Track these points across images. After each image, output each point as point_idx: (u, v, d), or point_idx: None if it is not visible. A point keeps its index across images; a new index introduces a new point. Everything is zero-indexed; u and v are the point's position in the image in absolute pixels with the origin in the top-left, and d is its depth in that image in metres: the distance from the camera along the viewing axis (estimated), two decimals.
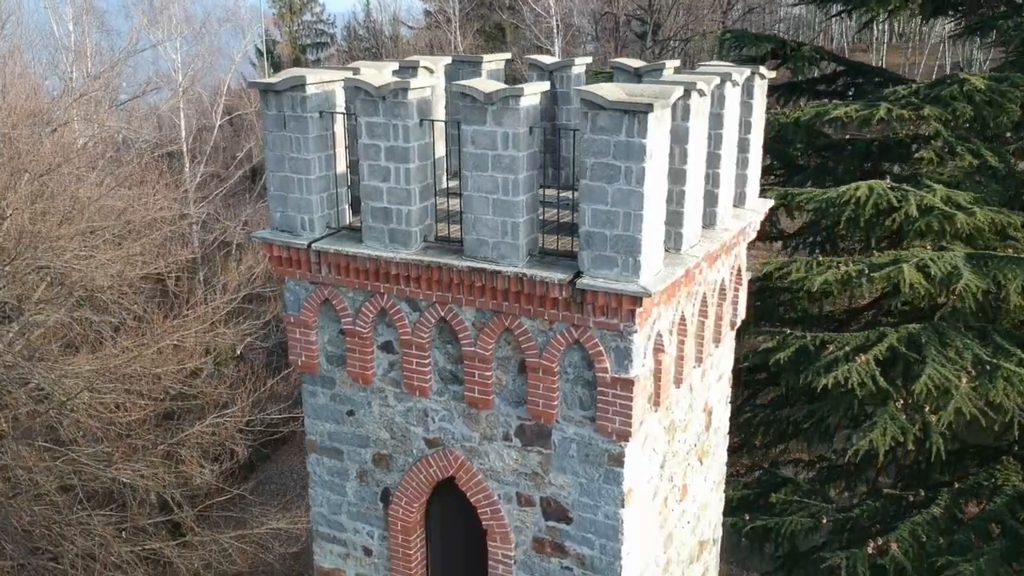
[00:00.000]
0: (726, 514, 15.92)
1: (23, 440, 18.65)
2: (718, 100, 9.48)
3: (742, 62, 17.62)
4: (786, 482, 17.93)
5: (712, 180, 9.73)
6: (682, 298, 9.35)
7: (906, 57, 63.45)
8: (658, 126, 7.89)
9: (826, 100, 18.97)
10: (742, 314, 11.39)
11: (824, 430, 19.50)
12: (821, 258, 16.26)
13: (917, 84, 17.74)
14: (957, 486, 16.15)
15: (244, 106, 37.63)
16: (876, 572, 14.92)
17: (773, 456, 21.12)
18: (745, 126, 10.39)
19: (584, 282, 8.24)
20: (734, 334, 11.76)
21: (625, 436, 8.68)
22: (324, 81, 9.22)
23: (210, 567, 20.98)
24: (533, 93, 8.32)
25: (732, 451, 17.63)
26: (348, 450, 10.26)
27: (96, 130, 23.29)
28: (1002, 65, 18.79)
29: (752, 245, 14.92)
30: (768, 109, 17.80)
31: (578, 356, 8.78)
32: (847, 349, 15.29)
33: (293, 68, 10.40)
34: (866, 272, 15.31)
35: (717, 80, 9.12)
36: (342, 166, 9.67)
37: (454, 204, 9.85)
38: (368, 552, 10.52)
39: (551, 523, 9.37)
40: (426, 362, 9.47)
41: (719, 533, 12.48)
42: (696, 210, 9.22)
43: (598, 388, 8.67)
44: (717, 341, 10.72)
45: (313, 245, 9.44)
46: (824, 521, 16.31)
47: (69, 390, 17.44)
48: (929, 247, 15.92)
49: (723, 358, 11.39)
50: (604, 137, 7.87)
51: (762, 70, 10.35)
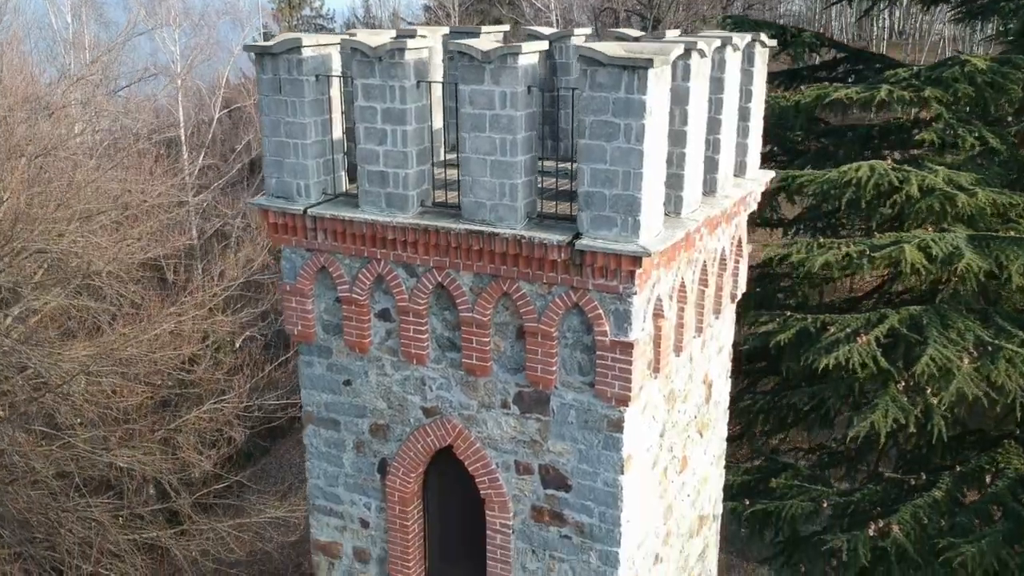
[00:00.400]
0: (726, 499, 15.84)
1: (20, 425, 18.53)
2: (719, 64, 9.38)
3: None
4: (786, 467, 17.81)
5: (712, 146, 9.63)
6: (682, 264, 9.25)
7: (905, 54, 63.39)
8: (658, 83, 7.79)
9: (827, 83, 18.86)
10: (743, 287, 11.29)
11: (824, 415, 19.39)
12: (822, 240, 16.16)
13: (918, 67, 17.66)
14: (959, 469, 16.04)
15: (243, 99, 37.50)
16: (877, 554, 14.83)
17: (773, 445, 21.03)
18: (746, 94, 10.29)
19: (583, 243, 8.14)
20: (734, 308, 11.66)
21: (624, 401, 8.58)
22: (320, 44, 9.12)
23: (207, 555, 20.86)
24: (531, 51, 8.22)
25: (732, 440, 17.55)
26: (345, 421, 10.15)
27: (93, 114, 23.18)
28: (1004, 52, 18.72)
29: (752, 231, 14.86)
30: (768, 94, 17.74)
31: (577, 320, 8.67)
32: (848, 331, 15.20)
33: (288, 32, 10.29)
34: (867, 253, 15.22)
35: (718, 43, 9.03)
36: (338, 132, 9.57)
37: (452, 175, 9.74)
38: (365, 524, 10.41)
39: (550, 491, 9.26)
40: (423, 329, 9.37)
41: (719, 510, 12.38)
42: (696, 174, 9.12)
43: (597, 352, 8.57)
44: (717, 312, 10.62)
45: (309, 211, 9.33)
46: (824, 505, 16.20)
47: (66, 374, 17.32)
48: (931, 229, 15.83)
49: (723, 331, 11.29)
50: (603, 94, 7.77)
51: (763, 37, 10.26)
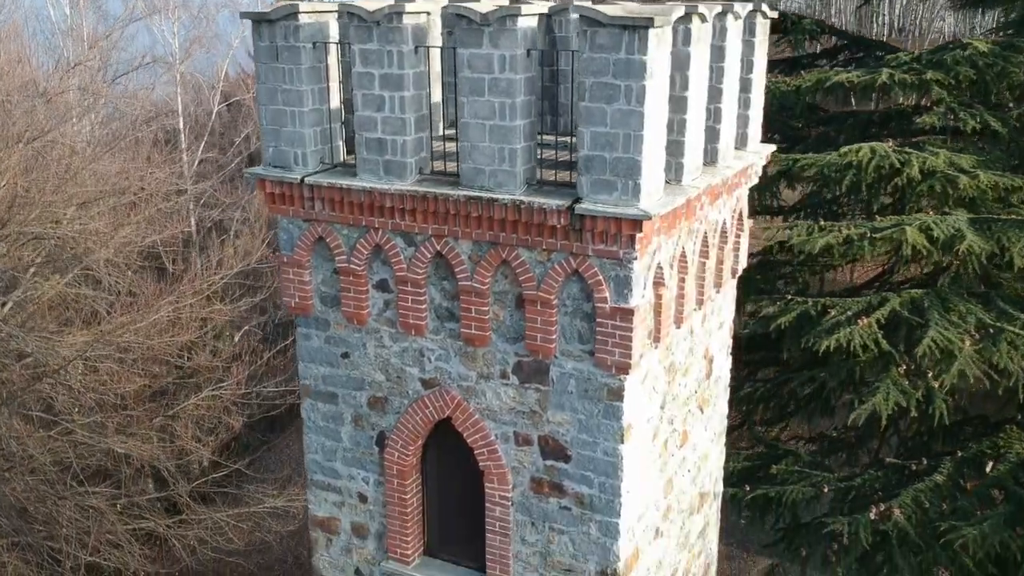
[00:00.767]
0: (726, 485, 15.74)
1: (17, 412, 18.45)
2: (719, 32, 9.31)
3: None
4: (787, 454, 17.72)
5: (714, 115, 9.55)
6: (683, 233, 9.17)
7: (905, 51, 63.26)
8: (659, 45, 7.71)
9: (827, 68, 18.80)
10: (744, 262, 11.21)
11: (824, 402, 19.33)
12: (823, 223, 16.08)
13: (920, 52, 17.60)
14: (960, 454, 15.95)
15: (242, 92, 37.43)
16: (878, 538, 14.74)
17: (774, 435, 20.94)
18: (747, 65, 10.21)
19: (583, 207, 8.06)
20: (735, 283, 11.58)
21: (625, 369, 8.49)
22: (317, 11, 9.04)
23: (206, 544, 20.78)
24: (531, 14, 8.14)
25: (732, 429, 17.44)
26: (343, 394, 10.07)
27: (91, 98, 23.11)
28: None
29: (752, 219, 14.71)
30: (769, 80, 17.67)
31: (577, 288, 8.59)
32: (849, 313, 15.13)
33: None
34: (868, 235, 15.16)
35: (719, 8, 8.95)
36: (336, 101, 9.48)
37: (451, 148, 9.63)
38: (363, 499, 10.32)
39: (549, 462, 9.17)
40: (422, 299, 9.29)
41: (720, 488, 12.30)
42: (697, 140, 9.04)
43: (597, 319, 8.49)
44: (718, 286, 10.54)
45: (306, 179, 9.25)
46: (826, 490, 16.11)
47: (63, 359, 17.23)
48: (931, 213, 15.76)
49: (724, 306, 11.21)
50: (603, 55, 7.69)
51: (764, 8, 10.18)
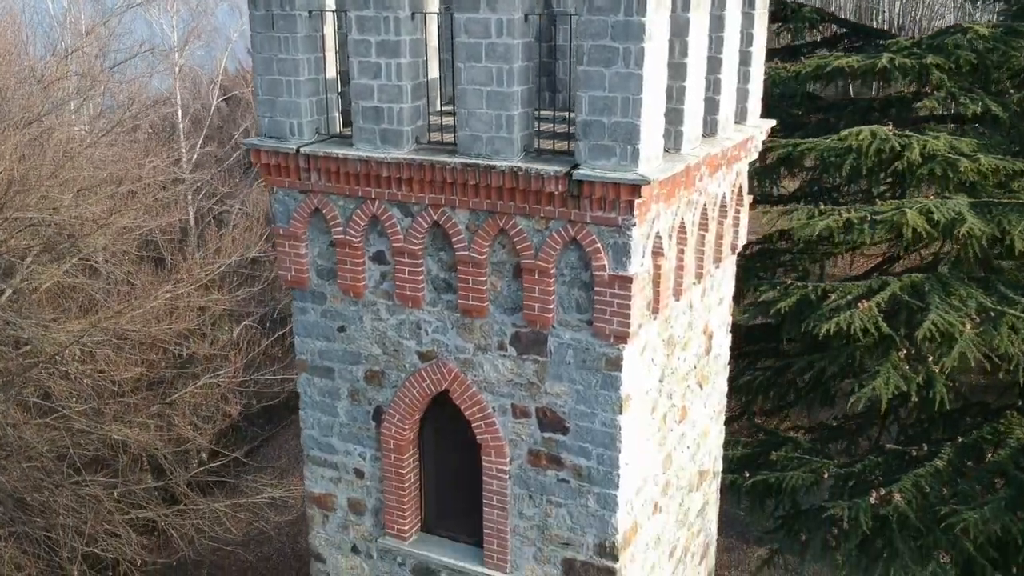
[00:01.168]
0: (726, 472, 15.67)
1: (14, 399, 18.36)
2: (719, 1, 9.24)
3: None
4: (787, 441, 17.65)
5: (713, 86, 9.48)
6: (682, 203, 9.10)
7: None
8: (657, 7, 7.65)
9: (827, 52, 18.74)
10: (743, 238, 11.14)
11: (824, 392, 19.27)
12: (823, 207, 16.01)
13: (920, 38, 17.55)
14: (961, 440, 15.88)
15: (241, 87, 37.37)
16: (878, 523, 14.67)
17: (773, 425, 20.88)
18: (747, 38, 10.14)
19: (581, 172, 7.99)
20: (735, 260, 11.51)
21: (623, 338, 8.42)
22: None
23: (203, 534, 20.70)
24: None
25: (731, 420, 17.36)
26: (339, 368, 9.99)
27: (88, 83, 23.05)
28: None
29: (752, 205, 14.64)
30: (768, 66, 17.61)
31: (575, 256, 8.52)
32: (849, 298, 15.05)
33: None
34: (869, 218, 15.08)
35: None
36: (332, 71, 9.42)
37: (448, 122, 9.55)
38: (360, 474, 10.25)
39: (547, 434, 9.10)
40: (419, 270, 9.21)
41: (719, 467, 12.23)
42: (697, 109, 8.97)
43: (595, 288, 8.42)
44: (718, 261, 10.46)
45: (302, 149, 9.18)
46: (826, 476, 16.03)
47: (59, 345, 17.15)
48: (932, 197, 15.70)
49: (724, 282, 11.14)
50: (601, 18, 7.62)
51: None
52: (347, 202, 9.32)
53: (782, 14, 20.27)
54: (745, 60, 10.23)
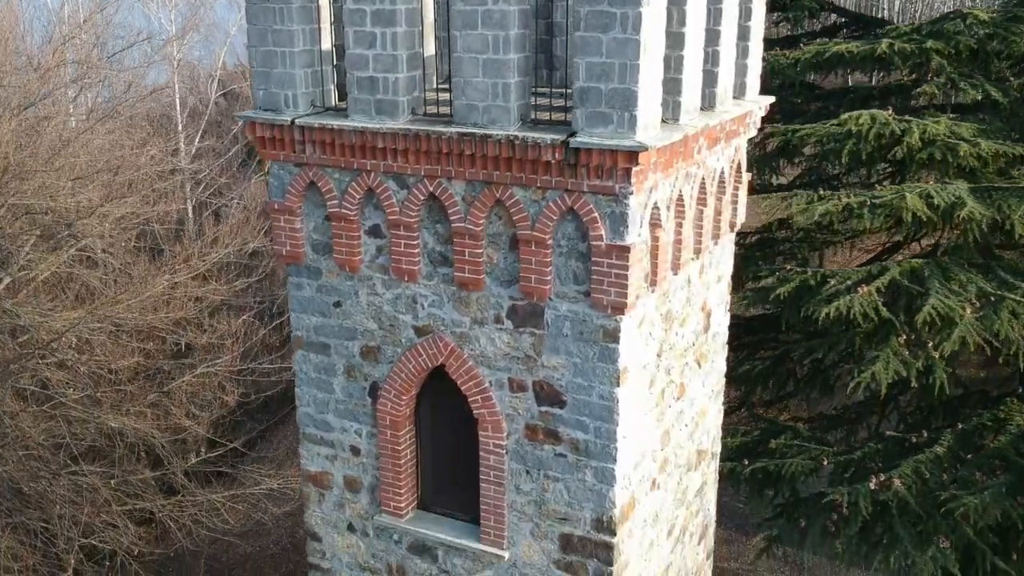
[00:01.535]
0: (724, 460, 15.58)
1: (11, 387, 18.29)
2: None
3: None
4: (786, 429, 17.57)
5: (712, 59, 9.41)
6: (680, 175, 9.03)
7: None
8: None
9: (827, 40, 18.68)
10: (742, 216, 11.06)
11: (823, 381, 19.19)
12: (822, 192, 15.95)
13: (919, 23, 17.49)
14: (961, 427, 15.81)
15: (239, 82, 37.30)
16: (878, 509, 14.59)
17: (772, 416, 20.81)
18: (745, 12, 10.07)
19: (578, 140, 7.91)
20: (734, 237, 11.44)
21: (620, 308, 8.35)
22: None
23: (201, 524, 20.62)
24: None
25: (730, 411, 17.27)
26: (335, 344, 9.92)
27: (85, 70, 23.01)
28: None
29: (751, 193, 14.59)
30: (768, 53, 17.56)
31: (572, 227, 8.45)
32: (849, 283, 14.98)
33: None
34: (868, 203, 15.01)
35: None
36: (327, 43, 9.35)
37: (444, 98, 9.45)
38: (356, 451, 10.17)
39: (544, 408, 9.02)
40: (415, 243, 9.14)
41: (718, 447, 12.15)
42: (695, 79, 8.90)
43: (592, 258, 8.34)
44: (716, 238, 10.39)
45: (297, 121, 9.11)
46: (825, 463, 15.96)
47: (55, 332, 17.08)
48: (931, 182, 15.63)
49: (722, 260, 11.06)
50: None
51: None
52: (342, 175, 9.25)
53: (781, 3, 20.23)
54: (743, 34, 10.16)
